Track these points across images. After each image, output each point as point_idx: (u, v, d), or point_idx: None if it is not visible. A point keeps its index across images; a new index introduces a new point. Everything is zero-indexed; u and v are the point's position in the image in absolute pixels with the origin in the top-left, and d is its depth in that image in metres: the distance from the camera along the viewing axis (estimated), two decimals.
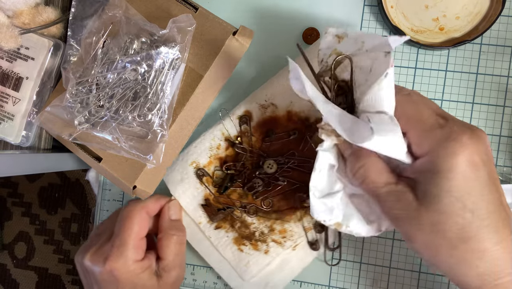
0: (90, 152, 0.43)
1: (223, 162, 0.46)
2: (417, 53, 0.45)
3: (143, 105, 0.40)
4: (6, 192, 1.31)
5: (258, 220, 0.45)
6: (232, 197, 0.45)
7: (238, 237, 0.45)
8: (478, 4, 0.43)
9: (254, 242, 0.45)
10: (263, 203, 0.45)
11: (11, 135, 0.45)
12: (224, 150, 0.46)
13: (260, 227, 0.45)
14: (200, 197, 0.45)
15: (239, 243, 0.45)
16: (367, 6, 0.46)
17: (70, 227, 1.28)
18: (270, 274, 0.45)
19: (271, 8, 0.47)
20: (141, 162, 0.41)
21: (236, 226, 0.45)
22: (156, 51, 0.39)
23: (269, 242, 0.45)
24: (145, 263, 0.39)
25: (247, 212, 0.45)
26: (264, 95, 0.45)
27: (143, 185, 0.42)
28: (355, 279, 0.46)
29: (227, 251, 0.45)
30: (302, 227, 0.45)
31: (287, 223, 0.45)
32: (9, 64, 0.44)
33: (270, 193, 0.45)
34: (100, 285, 0.39)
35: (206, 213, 0.45)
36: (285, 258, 0.45)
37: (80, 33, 0.43)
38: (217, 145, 0.45)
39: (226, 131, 0.45)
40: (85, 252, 0.40)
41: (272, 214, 0.45)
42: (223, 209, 0.45)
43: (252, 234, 0.45)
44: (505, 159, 0.44)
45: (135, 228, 0.38)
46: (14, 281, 1.30)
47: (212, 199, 0.45)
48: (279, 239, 0.45)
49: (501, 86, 0.44)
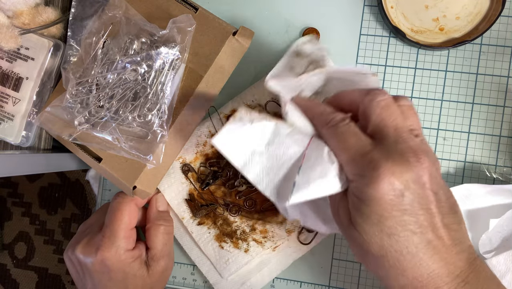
0: (90, 152, 0.43)
1: (208, 158, 0.46)
2: (417, 53, 0.45)
3: (143, 105, 0.40)
4: (6, 192, 1.31)
5: (240, 218, 0.46)
6: (216, 194, 0.46)
7: (219, 234, 0.46)
8: (478, 4, 0.43)
9: (235, 240, 0.46)
10: (246, 203, 0.45)
11: (11, 136, 0.45)
12: (210, 147, 0.46)
13: (242, 226, 0.46)
14: (185, 192, 0.46)
15: (220, 240, 0.46)
16: (367, 6, 0.46)
17: (70, 227, 1.28)
18: (247, 273, 0.46)
19: (271, 8, 0.47)
20: (141, 162, 0.41)
21: (218, 223, 0.46)
22: (156, 51, 0.39)
23: (249, 241, 0.45)
24: (136, 253, 0.40)
25: (229, 211, 0.46)
26: (252, 96, 0.45)
27: (143, 185, 0.42)
28: (355, 279, 0.46)
29: (208, 248, 0.46)
30: (285, 230, 0.45)
31: (269, 224, 0.45)
32: (9, 64, 0.44)
33: (254, 193, 0.45)
34: (92, 275, 0.40)
35: (190, 208, 0.46)
36: (264, 258, 0.46)
37: (80, 34, 0.43)
38: (204, 141, 0.46)
39: (213, 129, 0.46)
40: (75, 245, 0.41)
41: (254, 214, 0.46)
42: (206, 205, 0.46)
43: (234, 232, 0.46)
44: (505, 159, 0.44)
45: (125, 219, 0.39)
46: (14, 281, 1.30)
47: (196, 194, 0.46)
48: (260, 238, 0.45)
49: (501, 86, 0.44)
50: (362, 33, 0.46)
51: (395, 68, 0.45)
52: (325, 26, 0.46)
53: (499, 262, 0.41)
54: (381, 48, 0.45)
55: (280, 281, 0.47)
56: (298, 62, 0.34)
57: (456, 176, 0.45)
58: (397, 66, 0.45)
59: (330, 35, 0.46)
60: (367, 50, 0.46)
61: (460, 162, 0.45)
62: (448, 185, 0.45)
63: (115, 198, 0.41)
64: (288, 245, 0.46)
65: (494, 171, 0.44)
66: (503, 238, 0.42)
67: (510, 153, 0.44)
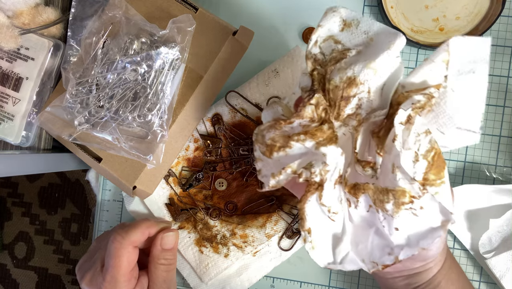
0: (90, 152, 0.43)
1: (191, 162, 0.46)
2: (417, 53, 0.45)
3: (143, 105, 0.40)
4: (6, 192, 1.31)
5: (220, 223, 0.46)
6: (196, 198, 0.46)
7: (199, 238, 0.46)
8: (478, 4, 0.43)
9: (215, 245, 0.46)
10: (227, 206, 0.46)
11: (11, 136, 0.45)
12: (193, 151, 0.46)
13: (222, 230, 0.46)
14: (165, 196, 0.46)
15: (200, 244, 0.46)
16: (367, 6, 0.46)
17: (70, 227, 1.28)
18: (227, 278, 0.46)
19: (271, 8, 0.47)
20: (141, 162, 0.41)
21: (198, 228, 0.46)
22: (156, 51, 0.39)
23: (229, 246, 0.45)
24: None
25: (209, 215, 0.46)
26: (235, 99, 0.45)
27: (143, 185, 0.42)
28: (355, 279, 0.46)
29: (188, 252, 0.46)
30: (264, 234, 0.45)
31: (249, 228, 0.45)
32: (9, 64, 0.44)
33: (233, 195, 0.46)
34: None
35: (170, 213, 0.46)
36: (244, 263, 0.46)
37: (80, 34, 0.43)
38: (186, 146, 0.46)
39: (196, 133, 0.46)
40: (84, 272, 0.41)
41: (234, 218, 0.46)
42: (186, 210, 0.46)
43: (214, 236, 0.46)
44: (505, 159, 0.44)
45: (124, 264, 0.39)
46: (14, 281, 1.30)
47: (176, 198, 0.46)
48: (240, 243, 0.45)
49: (501, 86, 0.44)
50: None
51: None
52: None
53: (499, 262, 0.41)
54: None
55: (280, 281, 0.47)
56: None
57: (456, 176, 0.45)
58: None
59: None
60: None
61: (460, 162, 0.45)
62: None
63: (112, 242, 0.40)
64: (268, 250, 0.46)
65: (494, 171, 0.44)
66: (503, 238, 0.42)
67: (510, 153, 0.44)
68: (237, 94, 0.45)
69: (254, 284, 0.47)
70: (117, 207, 0.50)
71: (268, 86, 0.45)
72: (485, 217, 0.42)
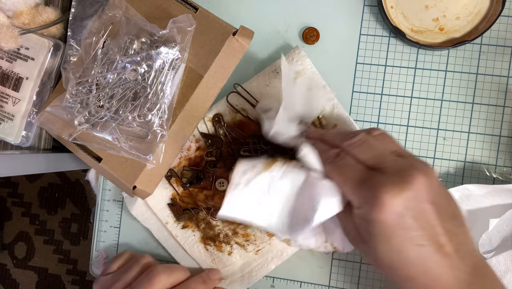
0: (90, 152, 0.43)
1: (192, 162, 0.46)
2: (417, 53, 0.45)
3: (143, 105, 0.40)
4: (6, 192, 1.31)
5: (222, 222, 0.46)
6: (198, 198, 0.46)
7: (203, 236, 0.46)
8: (478, 4, 0.43)
9: (218, 244, 0.46)
10: None
11: (11, 136, 0.45)
12: (194, 151, 0.46)
13: (224, 230, 0.46)
14: (168, 197, 0.47)
15: (205, 242, 0.46)
16: (367, 6, 0.46)
17: (70, 227, 1.28)
18: (231, 274, 0.47)
19: (271, 8, 0.47)
20: (141, 162, 0.41)
21: (201, 227, 0.46)
22: (156, 51, 0.39)
23: (233, 244, 0.46)
24: None
25: (211, 215, 0.46)
26: (236, 100, 0.45)
27: (143, 185, 0.42)
28: (355, 279, 0.46)
29: (194, 250, 0.46)
30: (265, 233, 0.45)
31: (250, 228, 0.46)
32: (9, 64, 0.44)
33: None
34: None
35: (173, 213, 0.46)
36: (247, 261, 0.47)
37: (80, 34, 0.43)
38: (188, 146, 0.46)
39: (196, 133, 0.46)
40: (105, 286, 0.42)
41: None
42: (189, 209, 0.46)
43: (217, 235, 0.46)
44: (505, 159, 0.44)
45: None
46: (14, 281, 1.30)
47: (178, 199, 0.46)
48: (242, 242, 0.46)
49: (501, 86, 0.44)
50: (362, 33, 0.46)
51: (395, 68, 0.45)
52: (325, 26, 0.46)
53: (499, 262, 0.41)
54: (381, 48, 0.45)
55: (280, 281, 0.47)
56: None
57: (456, 176, 0.45)
58: (397, 66, 0.45)
59: (330, 35, 0.46)
60: (367, 50, 0.46)
61: (460, 162, 0.45)
62: (448, 185, 0.45)
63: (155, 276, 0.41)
64: (270, 249, 0.46)
65: (494, 171, 0.44)
66: (503, 238, 0.42)
67: (510, 153, 0.44)
68: (237, 94, 0.45)
69: (254, 284, 0.47)
70: (117, 207, 0.50)
71: (268, 86, 0.45)
72: (485, 217, 0.42)
